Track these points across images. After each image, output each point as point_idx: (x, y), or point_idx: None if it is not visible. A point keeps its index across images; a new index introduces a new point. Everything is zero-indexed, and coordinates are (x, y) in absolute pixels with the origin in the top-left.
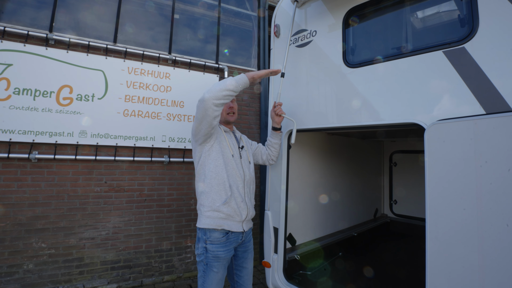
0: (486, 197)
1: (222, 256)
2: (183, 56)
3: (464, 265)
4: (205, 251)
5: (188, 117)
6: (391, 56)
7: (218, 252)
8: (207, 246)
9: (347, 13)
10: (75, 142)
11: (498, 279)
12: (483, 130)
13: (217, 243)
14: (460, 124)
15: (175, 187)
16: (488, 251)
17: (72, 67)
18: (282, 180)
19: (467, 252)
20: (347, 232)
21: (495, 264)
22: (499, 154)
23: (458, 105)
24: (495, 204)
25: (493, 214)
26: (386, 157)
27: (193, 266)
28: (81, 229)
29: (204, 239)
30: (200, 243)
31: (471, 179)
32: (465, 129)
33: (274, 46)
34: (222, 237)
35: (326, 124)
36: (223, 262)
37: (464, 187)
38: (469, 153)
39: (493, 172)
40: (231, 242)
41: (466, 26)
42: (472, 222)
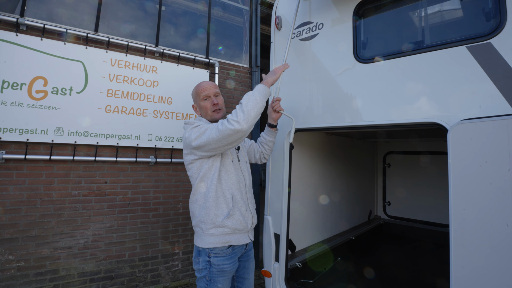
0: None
1: (228, 269)
2: (171, 49)
3: (498, 275)
4: (208, 265)
5: (176, 115)
6: (408, 51)
7: (224, 265)
8: (210, 259)
9: (359, 4)
10: (50, 140)
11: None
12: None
13: (222, 255)
14: (493, 124)
15: (161, 190)
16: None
17: (47, 56)
18: (284, 183)
19: (504, 263)
20: (344, 235)
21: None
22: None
23: (483, 104)
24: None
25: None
26: (379, 158)
27: (181, 274)
28: (56, 237)
29: (207, 252)
30: (201, 257)
31: (506, 181)
32: (499, 129)
33: (275, 39)
34: (227, 249)
35: (333, 123)
36: (229, 276)
37: (497, 190)
38: (502, 155)
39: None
40: (236, 253)
41: (493, 20)
42: (509, 228)
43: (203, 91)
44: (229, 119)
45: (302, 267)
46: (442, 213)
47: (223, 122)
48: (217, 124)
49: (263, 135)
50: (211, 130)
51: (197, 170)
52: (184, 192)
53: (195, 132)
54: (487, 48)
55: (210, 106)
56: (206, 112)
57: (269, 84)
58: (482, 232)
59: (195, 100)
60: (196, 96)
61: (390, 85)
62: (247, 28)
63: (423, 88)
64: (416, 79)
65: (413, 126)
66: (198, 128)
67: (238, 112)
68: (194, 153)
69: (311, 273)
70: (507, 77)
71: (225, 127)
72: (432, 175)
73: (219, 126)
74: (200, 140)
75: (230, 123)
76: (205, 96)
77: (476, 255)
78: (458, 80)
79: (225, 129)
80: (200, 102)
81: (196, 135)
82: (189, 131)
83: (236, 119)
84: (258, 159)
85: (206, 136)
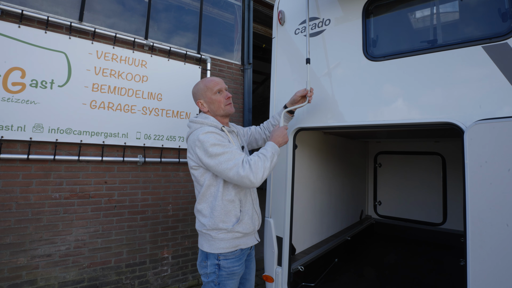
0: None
1: (237, 271)
2: (161, 43)
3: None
4: (218, 269)
5: (167, 112)
6: (422, 49)
7: (234, 267)
8: (220, 262)
9: (369, 1)
10: (28, 138)
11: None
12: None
13: (232, 257)
14: (509, 124)
15: (150, 191)
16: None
17: (25, 45)
18: (288, 184)
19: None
20: (340, 236)
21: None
22: None
23: (500, 105)
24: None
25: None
26: (371, 158)
27: (170, 280)
28: (34, 244)
29: (216, 255)
30: (209, 260)
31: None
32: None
33: (277, 34)
34: (236, 250)
35: (341, 122)
36: (237, 279)
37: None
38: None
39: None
40: (244, 255)
41: (509, 20)
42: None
43: (215, 85)
44: (254, 171)
45: (303, 270)
46: (431, 212)
47: (246, 168)
48: (238, 164)
49: (277, 117)
50: (229, 164)
51: (201, 177)
52: (174, 193)
53: (214, 148)
54: (504, 48)
55: (224, 100)
56: (219, 106)
57: (279, 144)
58: (503, 233)
59: (204, 95)
60: (206, 91)
61: (402, 84)
62: (239, 24)
63: (437, 88)
64: (431, 78)
65: (427, 126)
66: (221, 147)
67: (263, 170)
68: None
69: (311, 276)
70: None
71: (247, 177)
72: (421, 174)
73: (241, 171)
74: (214, 162)
75: (253, 175)
76: (219, 89)
77: (495, 258)
78: (474, 80)
79: (245, 179)
80: (212, 96)
81: (213, 151)
82: (205, 137)
83: (260, 177)
84: (261, 145)
85: (222, 167)
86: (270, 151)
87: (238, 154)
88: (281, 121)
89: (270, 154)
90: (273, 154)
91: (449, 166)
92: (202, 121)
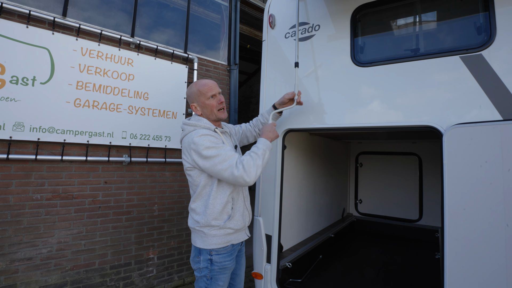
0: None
1: (229, 266)
2: (148, 41)
3: (488, 266)
4: (210, 264)
5: (153, 111)
6: (406, 57)
7: (225, 262)
8: (212, 257)
9: (357, 9)
10: (8, 137)
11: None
12: (509, 135)
13: (224, 252)
14: (486, 129)
15: (135, 191)
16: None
17: (4, 40)
18: (277, 184)
19: (492, 255)
20: (325, 233)
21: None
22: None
23: (475, 110)
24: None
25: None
26: (352, 158)
27: (156, 281)
28: (14, 248)
29: (209, 251)
30: (202, 256)
31: (498, 182)
32: (492, 133)
33: (267, 38)
34: (228, 246)
35: (330, 124)
36: (229, 273)
37: (490, 189)
38: (496, 157)
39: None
40: (235, 250)
41: (484, 34)
42: (499, 225)
43: (209, 90)
44: (247, 170)
45: (290, 267)
46: (408, 209)
47: (239, 169)
48: (233, 165)
49: (266, 116)
50: (224, 165)
51: (197, 178)
52: (159, 193)
53: (209, 151)
54: (479, 59)
55: (216, 105)
56: (211, 111)
57: (270, 139)
58: (479, 231)
59: (197, 99)
60: (199, 95)
61: (387, 90)
62: (226, 25)
63: (419, 93)
64: (413, 84)
65: (410, 128)
66: (215, 150)
67: (256, 169)
68: (195, 163)
69: (298, 272)
70: (496, 86)
71: (241, 177)
72: (399, 174)
73: (235, 172)
74: (209, 164)
75: (247, 174)
76: (213, 94)
77: (471, 254)
78: (452, 87)
79: (239, 179)
80: (205, 101)
81: (208, 153)
82: (199, 139)
83: (254, 176)
84: (252, 141)
85: (217, 168)
86: (261, 148)
87: (232, 155)
88: (269, 119)
89: (261, 151)
90: (264, 151)
91: (425, 166)
92: (196, 123)
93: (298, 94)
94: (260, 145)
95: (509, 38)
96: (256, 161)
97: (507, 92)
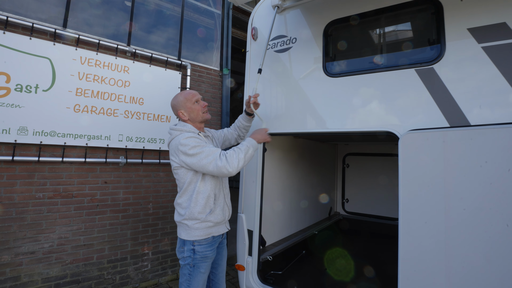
0: (455, 199)
1: (209, 255)
2: (143, 49)
3: (432, 255)
4: (193, 253)
5: (148, 115)
6: (369, 70)
7: (207, 252)
8: (195, 248)
9: (328, 24)
10: (13, 140)
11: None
12: (452, 140)
13: (205, 243)
14: (433, 134)
15: (131, 191)
16: (456, 243)
17: (10, 51)
18: (257, 183)
19: (435, 245)
20: (309, 230)
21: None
22: (463, 162)
23: (426, 118)
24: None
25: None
26: (339, 159)
27: (150, 275)
28: (18, 242)
29: (192, 242)
30: (186, 246)
31: (440, 182)
32: (437, 138)
33: (251, 49)
34: (209, 237)
35: (302, 129)
36: (209, 262)
37: (434, 188)
38: (439, 160)
39: (457, 179)
40: (216, 241)
41: (435, 49)
42: (440, 219)
43: (193, 96)
44: (229, 161)
45: (271, 260)
46: (392, 208)
47: (223, 160)
48: (216, 158)
49: (242, 120)
50: (208, 159)
51: (183, 176)
52: (154, 192)
53: (194, 149)
54: (430, 72)
55: (201, 108)
56: (197, 113)
57: (257, 139)
58: (427, 224)
59: (183, 105)
60: (185, 102)
61: (353, 98)
62: (218, 31)
63: (380, 102)
64: (374, 94)
65: (371, 133)
66: (199, 148)
67: (238, 160)
68: (182, 162)
69: (280, 265)
70: (444, 96)
71: (224, 167)
72: (385, 174)
73: (218, 162)
74: (196, 160)
75: (229, 164)
76: (197, 99)
77: (417, 240)
78: (408, 97)
79: (223, 168)
80: (191, 105)
81: (193, 152)
82: (186, 141)
83: (236, 166)
84: (234, 143)
85: (203, 162)
86: (245, 144)
87: (215, 150)
88: (242, 121)
89: (245, 147)
90: (248, 147)
91: None
92: (182, 128)
93: (255, 97)
94: (245, 142)
95: (456, 53)
96: (239, 155)
97: (454, 102)
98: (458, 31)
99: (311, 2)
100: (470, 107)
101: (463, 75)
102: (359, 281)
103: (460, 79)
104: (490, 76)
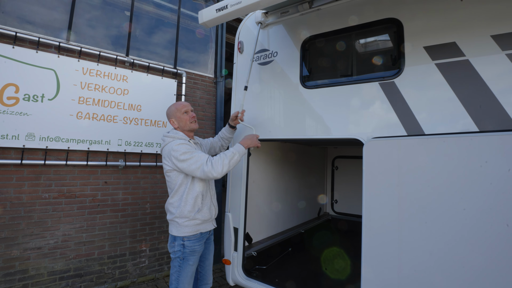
0: (408, 198)
1: (198, 249)
2: (141, 59)
3: (388, 248)
4: (183, 248)
5: (145, 121)
6: (340, 82)
7: (195, 246)
8: (184, 243)
9: (305, 40)
10: (21, 145)
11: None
12: (405, 148)
13: (194, 239)
14: (389, 142)
15: (130, 192)
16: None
17: (18, 64)
18: (242, 185)
19: (390, 240)
20: (295, 229)
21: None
22: (414, 167)
23: (388, 127)
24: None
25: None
26: (329, 161)
27: (147, 270)
28: (26, 238)
29: (182, 237)
30: (176, 241)
31: (394, 184)
32: (393, 146)
33: (237, 61)
34: (197, 234)
35: (283, 135)
36: (198, 255)
37: (390, 190)
38: (394, 165)
39: (409, 182)
40: (203, 237)
41: (396, 65)
42: (394, 217)
43: (183, 107)
44: (214, 167)
45: (257, 256)
46: None
47: (208, 165)
48: (203, 163)
49: (225, 132)
50: (197, 164)
51: (175, 178)
52: (151, 193)
53: (185, 155)
54: (392, 85)
55: (189, 118)
56: (185, 123)
57: (246, 145)
58: (383, 220)
59: (174, 115)
60: (175, 111)
61: (326, 108)
62: (213, 40)
63: (348, 111)
64: (344, 104)
65: (341, 140)
66: (189, 154)
67: (223, 166)
68: (175, 166)
69: (265, 261)
70: (403, 108)
71: (209, 172)
72: None
73: (205, 168)
74: (186, 164)
75: (214, 170)
76: (185, 110)
77: (380, 240)
78: (373, 107)
79: (208, 173)
80: (181, 115)
81: (184, 157)
82: (178, 147)
83: (220, 171)
84: (218, 151)
85: (192, 167)
86: (232, 151)
87: (203, 156)
88: (225, 133)
89: (231, 153)
90: (234, 153)
91: None
92: (174, 135)
93: (242, 113)
94: (232, 149)
95: (413, 69)
96: (224, 160)
97: (410, 113)
98: (416, 48)
99: (290, 19)
100: (425, 117)
101: (419, 89)
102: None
103: (417, 92)
104: (442, 90)
